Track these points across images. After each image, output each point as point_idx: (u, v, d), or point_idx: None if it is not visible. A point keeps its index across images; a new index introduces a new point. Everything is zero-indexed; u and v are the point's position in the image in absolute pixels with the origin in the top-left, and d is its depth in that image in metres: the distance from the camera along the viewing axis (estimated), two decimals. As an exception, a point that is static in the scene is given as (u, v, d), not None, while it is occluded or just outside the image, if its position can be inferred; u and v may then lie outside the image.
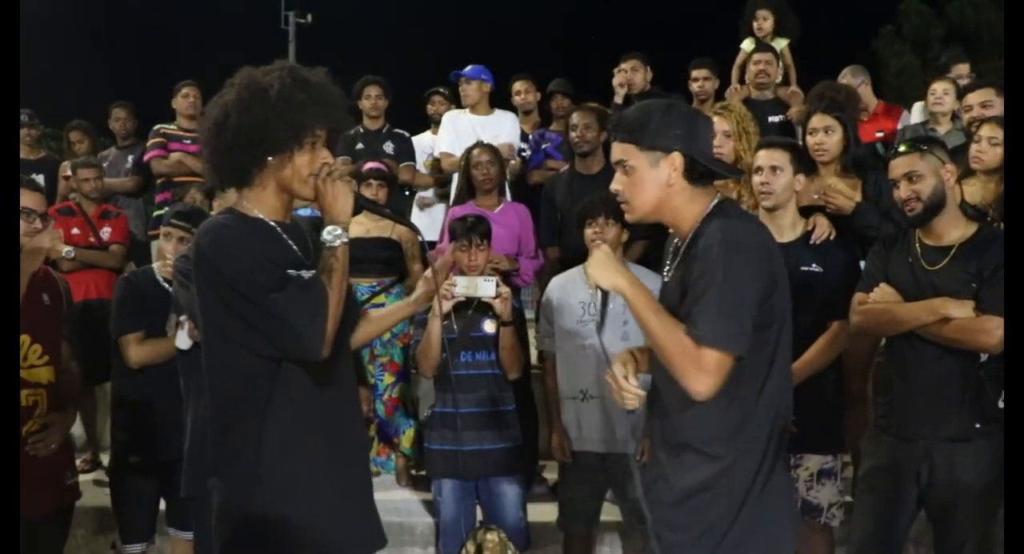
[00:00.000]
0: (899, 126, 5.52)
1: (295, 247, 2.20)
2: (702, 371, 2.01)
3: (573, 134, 4.81)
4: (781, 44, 6.28)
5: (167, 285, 3.54)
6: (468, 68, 5.87)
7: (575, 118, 4.82)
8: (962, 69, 5.90)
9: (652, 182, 2.13)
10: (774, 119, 5.49)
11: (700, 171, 2.14)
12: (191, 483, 3.21)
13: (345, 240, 2.13)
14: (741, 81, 6.10)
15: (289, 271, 2.10)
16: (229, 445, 2.15)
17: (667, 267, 2.27)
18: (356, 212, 2.21)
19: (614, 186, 2.21)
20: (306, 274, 2.12)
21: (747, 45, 6.32)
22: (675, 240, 2.25)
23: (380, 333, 3.15)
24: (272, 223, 2.19)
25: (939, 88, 5.22)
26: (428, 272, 2.66)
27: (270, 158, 2.13)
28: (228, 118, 2.11)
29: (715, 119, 4.05)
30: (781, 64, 6.01)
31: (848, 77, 5.64)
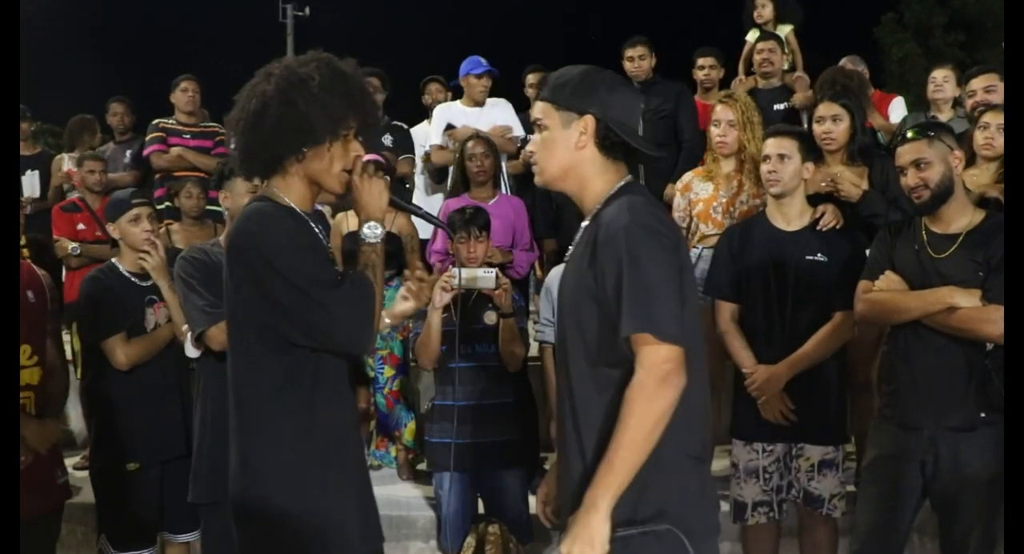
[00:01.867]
0: (888, 113, 5.49)
1: (321, 238, 2.20)
2: (659, 380, 1.82)
3: None
4: (785, 30, 6.27)
5: (133, 278, 3.45)
6: (474, 64, 5.66)
7: None
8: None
9: (562, 144, 2.05)
10: (779, 107, 5.44)
11: (613, 140, 2.04)
12: (201, 488, 3.10)
13: (383, 236, 2.17)
14: (748, 73, 6.04)
15: (336, 268, 2.11)
16: (257, 441, 2.12)
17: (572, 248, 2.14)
18: (391, 209, 2.23)
19: (529, 147, 2.16)
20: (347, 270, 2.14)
21: (751, 36, 6.29)
22: (583, 223, 2.12)
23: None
24: (302, 213, 2.18)
25: (939, 75, 5.17)
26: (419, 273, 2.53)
27: (306, 149, 2.12)
28: (267, 108, 2.09)
29: (719, 108, 4.05)
30: (788, 50, 5.97)
31: (847, 66, 5.59)
